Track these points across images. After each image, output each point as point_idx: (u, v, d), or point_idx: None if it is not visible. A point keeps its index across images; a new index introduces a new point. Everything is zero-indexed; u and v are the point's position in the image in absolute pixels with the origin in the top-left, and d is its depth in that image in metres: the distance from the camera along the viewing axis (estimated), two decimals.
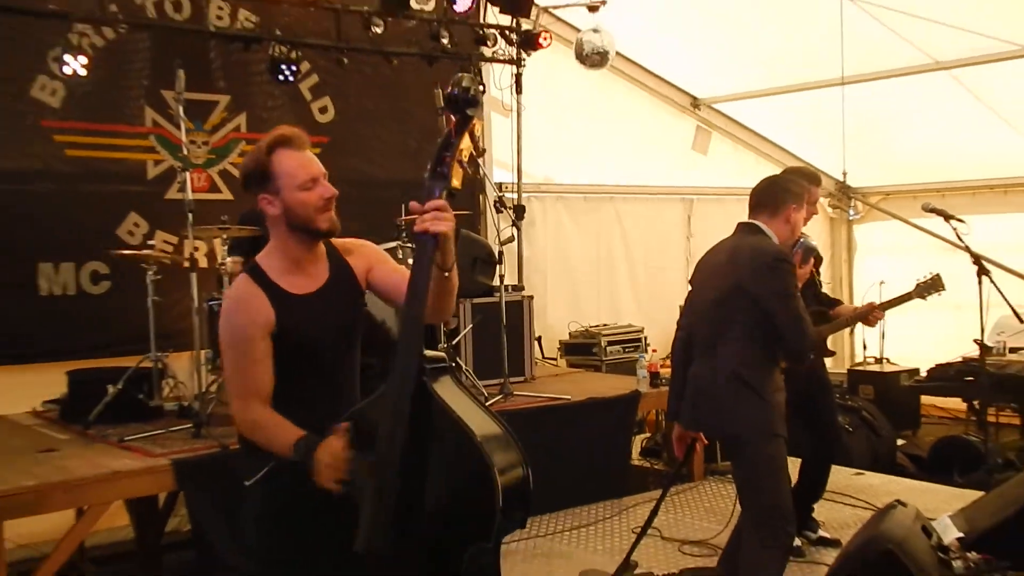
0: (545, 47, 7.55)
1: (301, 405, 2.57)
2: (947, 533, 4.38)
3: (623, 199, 9.35)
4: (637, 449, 7.06)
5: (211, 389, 5.24)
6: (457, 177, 2.53)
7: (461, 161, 2.55)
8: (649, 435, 7.36)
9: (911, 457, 7.56)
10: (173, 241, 6.33)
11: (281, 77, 6.57)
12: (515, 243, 7.05)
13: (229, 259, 5.36)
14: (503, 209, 6.98)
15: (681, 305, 4.22)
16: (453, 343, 6.22)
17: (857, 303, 10.36)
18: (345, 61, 6.89)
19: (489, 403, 5.75)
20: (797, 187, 3.91)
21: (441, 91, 6.38)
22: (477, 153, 2.63)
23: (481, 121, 2.58)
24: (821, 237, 9.95)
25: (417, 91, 7.26)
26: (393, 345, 3.56)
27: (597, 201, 9.21)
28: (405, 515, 2.42)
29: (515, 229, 7.03)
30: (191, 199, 5.42)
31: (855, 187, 10.27)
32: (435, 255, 2.40)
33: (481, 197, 7.98)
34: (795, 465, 4.59)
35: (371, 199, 6.61)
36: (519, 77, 7.55)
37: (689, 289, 4.12)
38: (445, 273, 2.48)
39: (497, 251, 6.67)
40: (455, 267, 2.55)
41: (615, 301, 9.15)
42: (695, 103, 9.63)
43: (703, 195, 9.71)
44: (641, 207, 9.46)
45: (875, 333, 9.37)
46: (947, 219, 6.00)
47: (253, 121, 6.93)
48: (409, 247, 5.72)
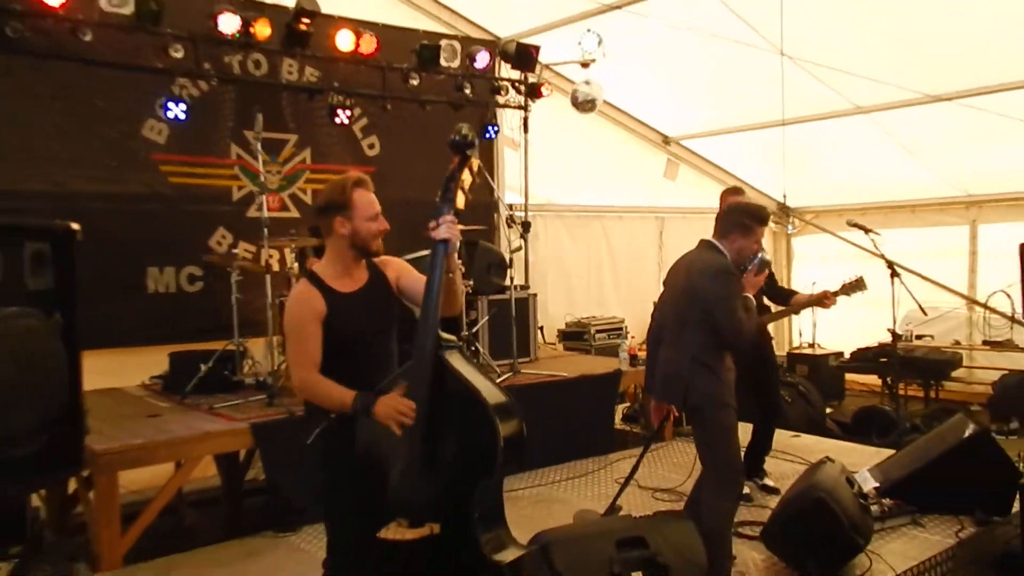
0: (547, 96, 7.54)
1: (340, 378, 2.66)
2: (866, 483, 4.37)
3: (608, 217, 9.33)
4: (619, 416, 7.02)
5: (281, 368, 5.24)
6: (460, 200, 2.75)
7: (463, 188, 2.75)
8: (629, 404, 7.32)
9: (837, 422, 7.52)
10: (252, 250, 6.32)
11: (338, 120, 6.57)
12: (522, 252, 7.01)
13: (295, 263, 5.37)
14: (513, 225, 6.95)
15: (655, 302, 4.20)
16: (473, 331, 6.20)
17: None
18: (388, 107, 6.90)
19: (500, 379, 5.75)
20: (745, 221, 3.78)
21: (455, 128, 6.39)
22: (474, 183, 2.76)
23: (471, 162, 2.68)
24: (766, 247, 9.90)
25: (445, 131, 6.98)
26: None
27: (587, 218, 9.19)
28: (430, 456, 2.54)
29: (523, 241, 6.99)
30: (266, 217, 5.41)
31: (793, 207, 10.24)
32: (445, 257, 2.62)
33: (495, 215, 7.96)
34: (746, 429, 4.58)
35: (408, 217, 6.49)
36: (526, 120, 7.53)
37: (661, 289, 4.09)
38: (450, 275, 2.68)
39: (508, 258, 6.65)
40: (458, 271, 2.77)
41: (602, 298, 9.13)
42: (666, 140, 9.60)
43: (672, 214, 9.67)
44: (622, 223, 9.44)
45: (808, 323, 9.37)
46: (866, 232, 5.96)
47: (316, 155, 6.91)
48: None
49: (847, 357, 8.89)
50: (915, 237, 8.97)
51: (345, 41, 6.34)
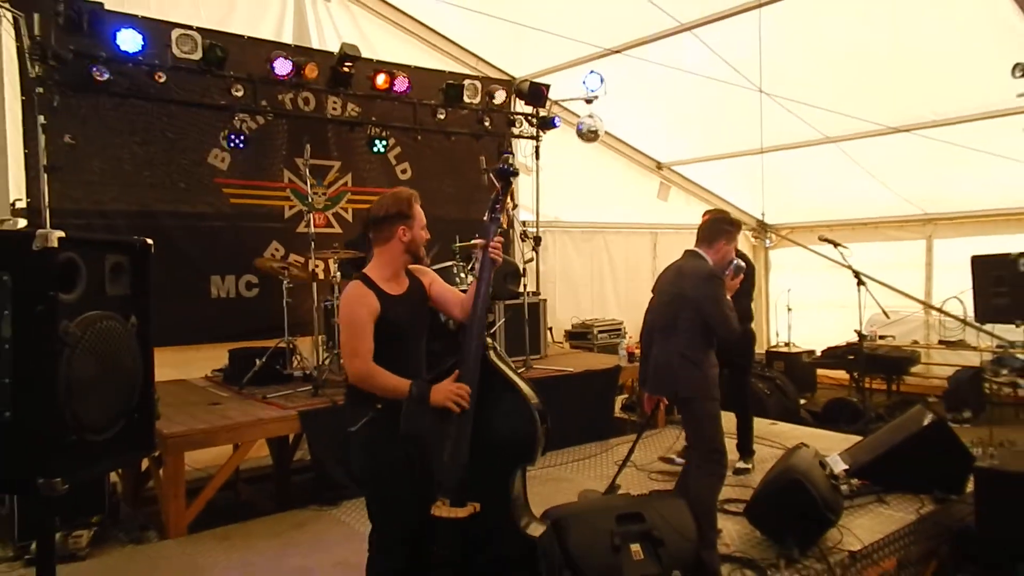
0: (556, 128, 7.53)
1: (389, 368, 2.64)
2: (837, 466, 4.31)
3: (609, 232, 9.28)
4: (618, 406, 6.95)
5: (325, 363, 5.24)
6: (504, 220, 2.66)
7: (507, 210, 2.69)
8: (627, 396, 7.25)
9: (810, 412, 7.44)
10: (301, 261, 6.32)
11: (375, 149, 6.61)
12: (534, 263, 7.00)
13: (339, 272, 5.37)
14: (526, 239, 6.93)
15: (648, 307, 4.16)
16: (491, 332, 6.18)
17: (772, 306, 10.44)
18: (419, 137, 6.94)
19: (518, 372, 5.72)
20: (729, 228, 3.81)
21: (484, 159, 6.39)
22: (512, 205, 2.78)
23: (513, 187, 2.71)
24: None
25: (467, 158, 7.20)
26: (452, 334, 3.62)
27: (591, 233, 9.14)
28: (476, 442, 2.54)
29: (534, 253, 6.97)
30: (313, 232, 5.46)
31: (770, 223, 10.15)
32: (492, 273, 2.67)
33: (511, 231, 7.94)
34: (728, 417, 4.54)
35: (435, 233, 6.49)
36: (537, 148, 7.52)
37: (652, 296, 4.06)
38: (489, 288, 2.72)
39: (522, 268, 6.62)
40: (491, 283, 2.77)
41: (603, 303, 9.07)
42: (659, 165, 9.54)
43: (665, 230, 9.61)
44: (621, 238, 9.40)
45: (784, 325, 9.31)
46: (836, 246, 5.91)
47: (356, 179, 6.92)
48: (461, 264, 5.69)
49: (819, 355, 8.82)
50: (878, 250, 8.88)
51: (382, 81, 6.38)
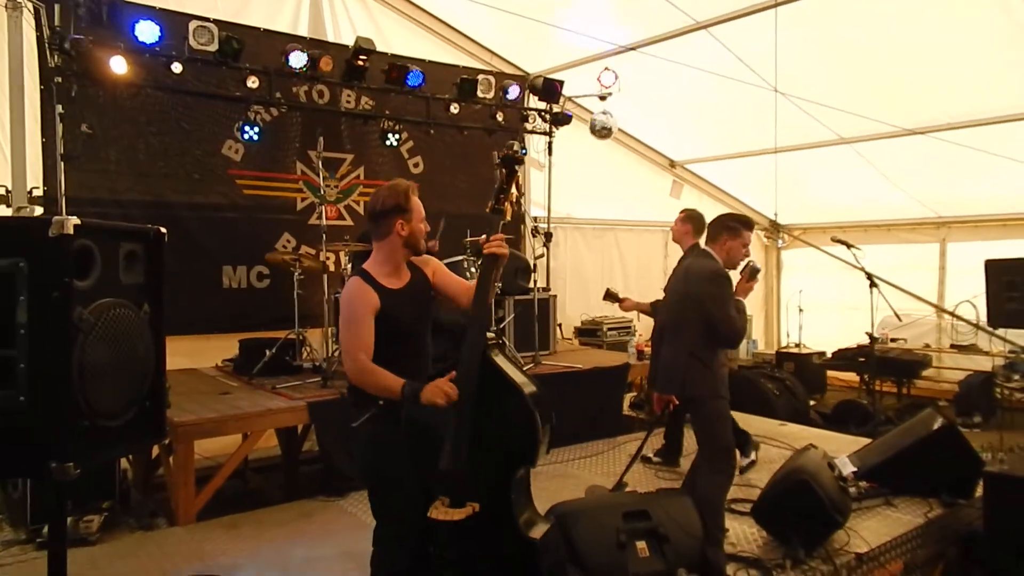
0: (569, 124, 7.50)
1: (391, 364, 2.60)
2: (845, 468, 4.28)
3: (620, 229, 9.24)
4: (627, 403, 6.93)
5: (334, 355, 5.25)
6: (508, 212, 2.67)
7: (511, 201, 2.66)
8: (635, 393, 7.24)
9: (820, 414, 7.39)
10: (312, 252, 6.34)
11: (388, 142, 6.59)
12: (545, 259, 6.99)
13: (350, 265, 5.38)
14: (537, 235, 6.96)
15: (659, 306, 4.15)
16: (500, 327, 6.18)
17: (783, 307, 10.40)
18: (432, 132, 6.93)
19: (525, 368, 5.70)
20: (732, 224, 3.75)
21: (497, 154, 6.36)
22: (519, 195, 2.69)
23: (518, 176, 2.64)
24: (758, 259, 9.81)
25: (480, 153, 7.21)
26: (451, 330, 3.59)
27: (602, 230, 9.11)
28: (476, 442, 2.48)
29: (545, 249, 6.97)
30: (325, 224, 5.46)
31: (783, 224, 10.09)
32: (495, 270, 2.58)
33: (522, 226, 7.97)
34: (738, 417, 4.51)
35: (447, 227, 6.58)
36: (550, 144, 7.48)
37: (664, 295, 4.04)
38: (495, 284, 2.67)
39: (532, 264, 6.62)
40: (499, 280, 2.74)
41: None
42: (672, 163, 9.49)
43: None
44: (633, 235, 9.36)
45: (795, 326, 9.26)
46: (849, 247, 5.86)
47: (368, 172, 6.93)
48: (472, 259, 5.69)
49: (829, 356, 8.76)
50: (891, 253, 8.80)
51: (396, 75, 6.36)
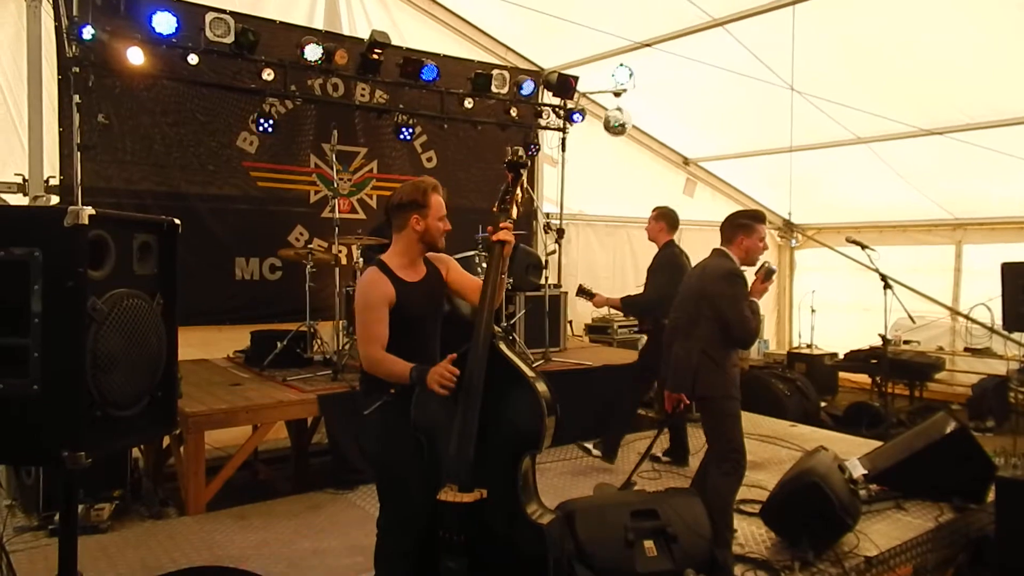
0: (582, 120, 7.47)
1: (404, 355, 2.63)
2: (856, 470, 4.24)
3: (632, 227, 9.16)
4: None
5: (345, 348, 5.26)
6: (514, 211, 2.76)
7: (516, 201, 2.77)
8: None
9: (831, 415, 7.34)
10: (324, 245, 6.36)
11: (402, 136, 6.59)
12: (556, 255, 6.98)
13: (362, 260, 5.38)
14: (549, 231, 6.94)
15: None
16: (511, 323, 6.17)
17: (795, 307, 10.32)
18: (445, 126, 6.93)
19: (535, 364, 5.69)
20: (744, 222, 3.75)
21: (510, 150, 6.35)
22: (524, 197, 2.74)
23: (523, 179, 2.68)
24: (772, 259, 9.75)
25: (493, 148, 7.22)
26: (463, 321, 3.57)
27: (614, 227, 9.07)
28: (483, 428, 2.52)
29: (557, 245, 6.96)
30: (338, 217, 5.47)
31: (797, 223, 10.01)
32: (502, 260, 2.61)
33: (534, 223, 7.94)
34: (748, 418, 4.48)
35: (460, 222, 6.43)
36: (564, 140, 7.48)
37: (678, 295, 4.01)
38: (502, 276, 2.69)
39: (544, 260, 6.60)
40: (507, 273, 2.75)
41: None
42: (686, 161, 9.44)
43: (690, 227, 9.37)
44: (645, 233, 9.28)
45: (807, 326, 9.18)
46: (863, 248, 5.81)
47: (382, 166, 6.94)
48: (483, 254, 5.68)
49: (841, 357, 8.69)
50: (905, 254, 8.72)
51: (410, 69, 6.35)
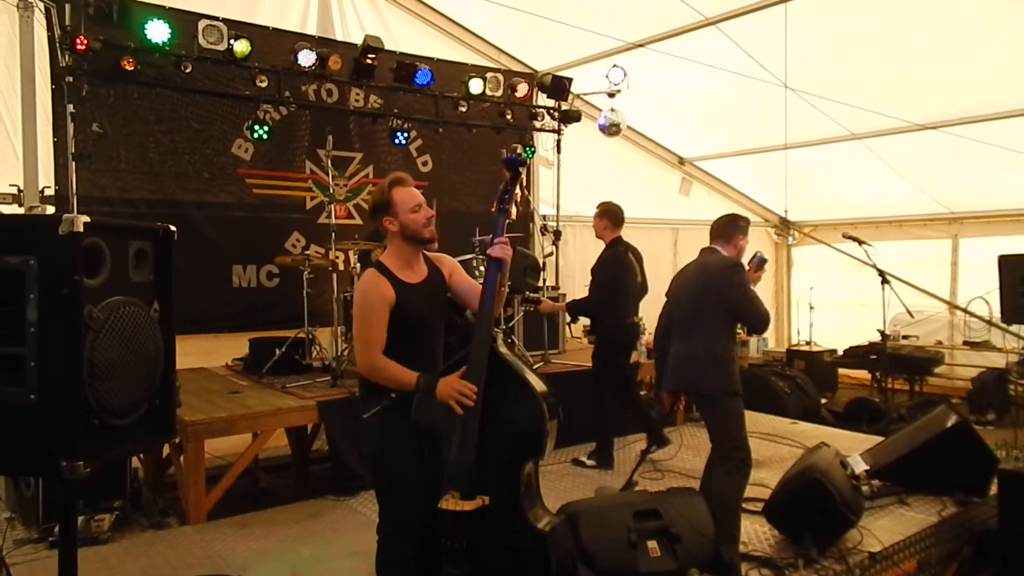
0: (577, 122, 7.48)
1: (404, 360, 2.58)
2: (858, 466, 4.24)
3: (629, 227, 8.93)
4: None
5: (344, 354, 5.25)
6: (512, 213, 2.68)
7: (516, 201, 2.68)
8: (644, 392, 7.19)
9: (831, 412, 7.35)
10: (321, 252, 6.33)
11: (397, 141, 6.60)
12: (554, 257, 6.97)
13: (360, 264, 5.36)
14: (546, 233, 6.95)
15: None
16: (509, 326, 6.15)
17: (793, 305, 10.31)
18: (440, 130, 6.90)
19: (534, 367, 5.68)
20: (742, 224, 3.81)
21: (506, 152, 6.36)
22: (523, 196, 2.69)
23: (522, 177, 2.64)
24: (768, 256, 9.75)
25: (488, 151, 7.22)
26: (466, 327, 3.56)
27: None
28: (484, 434, 2.48)
29: (554, 247, 6.95)
30: (334, 223, 5.44)
31: (793, 220, 10.04)
32: (499, 269, 2.56)
33: (531, 225, 7.93)
34: (752, 416, 4.47)
35: (456, 225, 6.55)
36: (559, 142, 7.48)
37: (667, 299, 4.02)
38: (502, 287, 2.63)
39: (541, 262, 6.60)
40: (507, 280, 2.68)
41: None
42: (681, 160, 9.44)
43: (686, 226, 9.49)
44: (641, 233, 9.13)
45: (806, 324, 9.19)
46: (860, 244, 5.81)
47: (377, 171, 6.92)
48: (482, 257, 5.67)
49: (840, 354, 8.69)
50: (902, 249, 8.73)
51: (404, 73, 6.35)
